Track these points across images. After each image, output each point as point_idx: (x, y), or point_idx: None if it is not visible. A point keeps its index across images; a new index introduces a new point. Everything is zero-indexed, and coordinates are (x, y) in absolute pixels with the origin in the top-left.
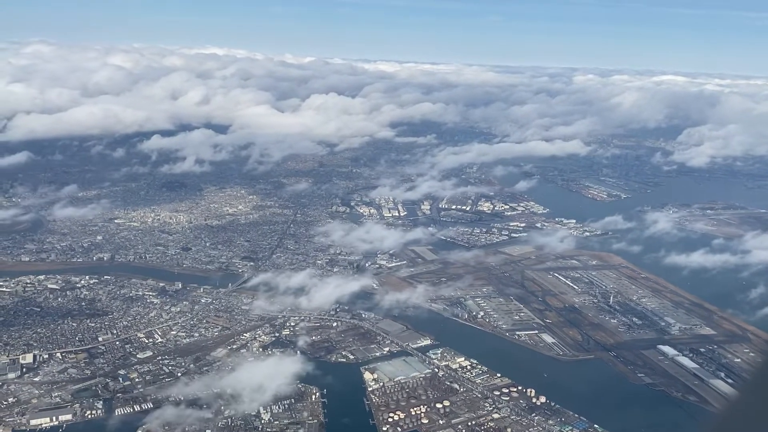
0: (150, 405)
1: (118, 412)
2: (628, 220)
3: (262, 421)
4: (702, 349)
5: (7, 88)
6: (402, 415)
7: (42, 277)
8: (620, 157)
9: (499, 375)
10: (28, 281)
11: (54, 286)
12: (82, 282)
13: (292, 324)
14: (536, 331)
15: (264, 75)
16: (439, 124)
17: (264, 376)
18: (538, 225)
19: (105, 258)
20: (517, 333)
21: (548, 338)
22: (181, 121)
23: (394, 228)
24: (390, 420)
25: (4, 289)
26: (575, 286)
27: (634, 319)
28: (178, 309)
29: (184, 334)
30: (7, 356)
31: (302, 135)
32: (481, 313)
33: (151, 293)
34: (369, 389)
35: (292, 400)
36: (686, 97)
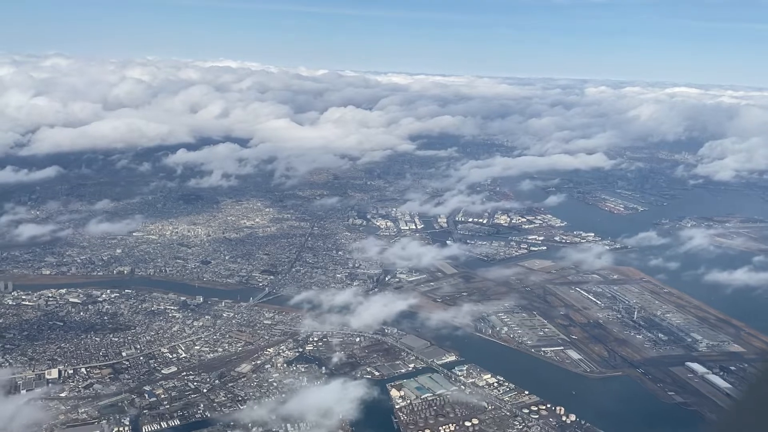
0: (177, 422)
1: (146, 429)
2: (648, 233)
3: None
4: (732, 368)
5: (30, 101)
6: None
7: (63, 290)
8: (645, 171)
9: (527, 392)
10: (50, 295)
11: (75, 300)
12: (104, 296)
13: (315, 339)
14: (562, 347)
15: (281, 88)
16: (457, 136)
17: (328, 401)
18: (557, 238)
19: (125, 271)
20: (543, 349)
21: (574, 354)
22: (201, 134)
23: (417, 242)
24: None
25: (27, 303)
26: (598, 301)
27: (659, 334)
28: (201, 323)
29: (207, 348)
30: (33, 371)
31: (324, 148)
32: (505, 329)
33: (172, 307)
34: (396, 406)
35: (320, 418)
36: (703, 109)
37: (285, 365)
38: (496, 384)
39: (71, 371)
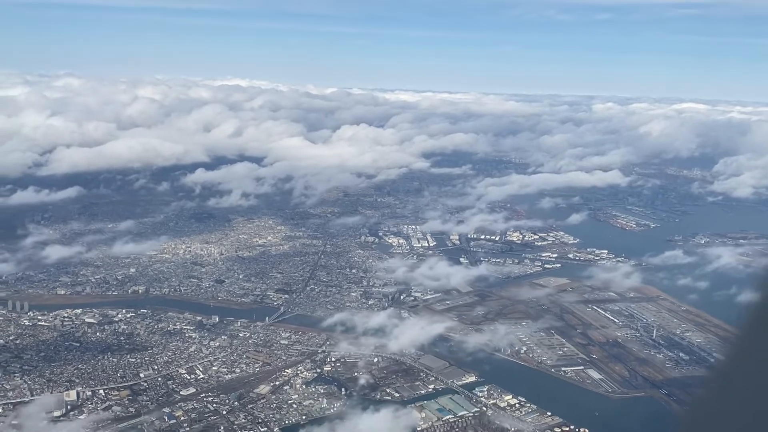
0: None
1: None
2: (664, 250)
3: None
4: None
5: (47, 121)
6: None
7: (79, 310)
8: (661, 188)
9: (549, 413)
10: (66, 315)
11: (91, 320)
12: (119, 316)
13: (333, 360)
14: (582, 367)
15: (292, 106)
16: (469, 154)
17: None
18: (570, 256)
19: (140, 291)
20: (563, 369)
21: (595, 374)
22: (215, 153)
23: (432, 260)
24: None
25: (43, 324)
26: (615, 320)
27: (680, 354)
28: (217, 344)
29: (225, 369)
30: (51, 393)
31: (340, 167)
32: (524, 348)
33: (188, 327)
34: (418, 429)
35: None
36: (714, 125)
37: (304, 386)
38: (517, 405)
39: (89, 393)
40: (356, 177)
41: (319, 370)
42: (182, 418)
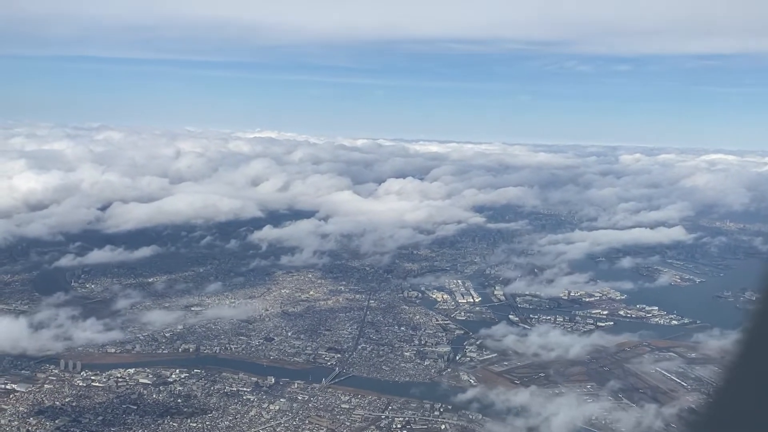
0: None
1: None
2: (716, 307)
3: None
4: None
5: (103, 176)
6: None
7: (132, 370)
8: (730, 245)
9: None
10: (119, 375)
11: (146, 381)
12: (173, 376)
13: (399, 426)
14: None
15: (331, 159)
16: (517, 207)
17: None
18: (621, 313)
19: (190, 349)
20: None
21: None
22: (266, 207)
23: (480, 319)
24: None
25: (97, 384)
26: (683, 383)
27: None
28: (277, 407)
29: None
30: None
31: (398, 222)
32: (594, 414)
33: (245, 389)
34: None
35: None
36: (760, 178)
37: None
38: None
39: None
40: (418, 233)
41: None
42: None
